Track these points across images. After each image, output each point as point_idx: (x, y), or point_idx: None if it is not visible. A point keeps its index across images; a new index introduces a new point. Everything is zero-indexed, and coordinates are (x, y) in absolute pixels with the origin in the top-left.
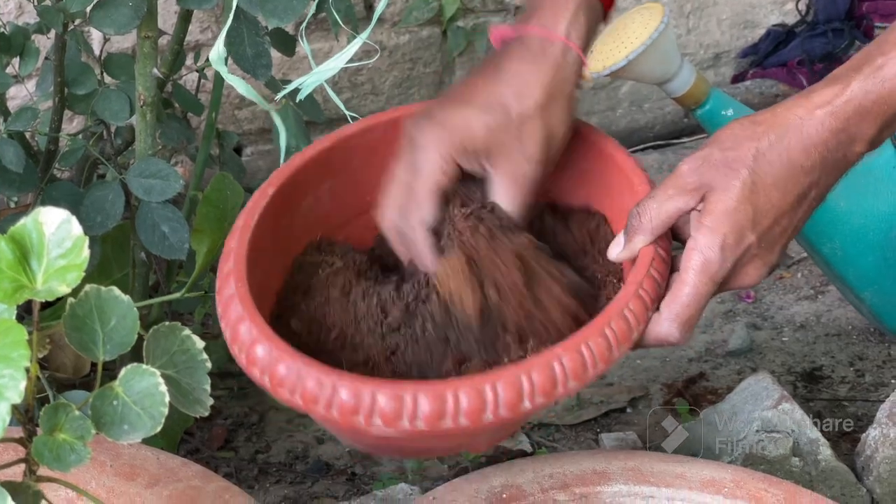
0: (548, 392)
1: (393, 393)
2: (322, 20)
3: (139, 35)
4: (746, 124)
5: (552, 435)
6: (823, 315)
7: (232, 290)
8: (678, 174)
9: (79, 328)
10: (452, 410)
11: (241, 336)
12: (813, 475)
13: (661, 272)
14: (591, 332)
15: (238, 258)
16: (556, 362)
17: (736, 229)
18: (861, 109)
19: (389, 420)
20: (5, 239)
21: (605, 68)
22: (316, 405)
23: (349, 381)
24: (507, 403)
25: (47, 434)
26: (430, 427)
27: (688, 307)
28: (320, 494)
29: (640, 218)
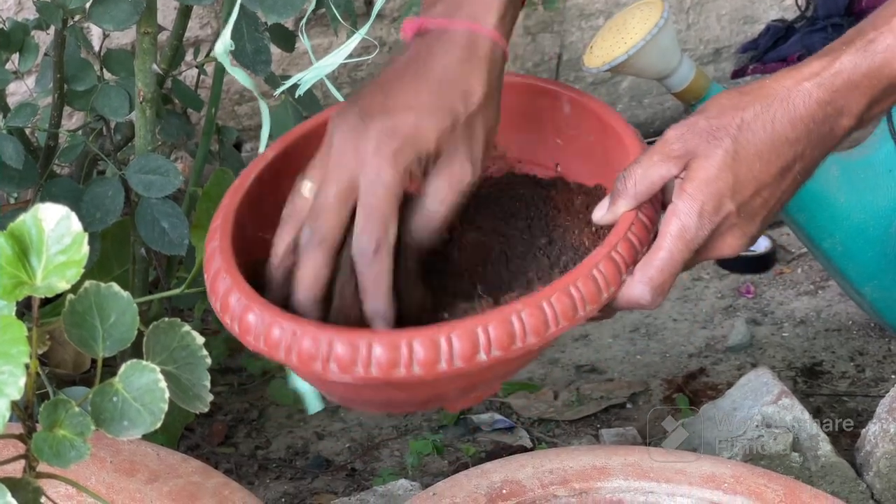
0: (504, 346)
1: (349, 340)
2: (321, 16)
3: (138, 31)
4: (734, 94)
5: (552, 430)
6: (824, 310)
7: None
8: (664, 141)
9: (78, 324)
10: (406, 359)
11: (219, 286)
12: (813, 471)
13: (640, 237)
14: (555, 288)
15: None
16: (514, 316)
17: (715, 197)
18: (850, 83)
19: (345, 367)
20: (5, 235)
21: (605, 63)
22: (278, 351)
23: (309, 329)
24: (462, 355)
25: (47, 430)
26: (385, 375)
27: (661, 271)
28: (320, 490)
29: (625, 182)
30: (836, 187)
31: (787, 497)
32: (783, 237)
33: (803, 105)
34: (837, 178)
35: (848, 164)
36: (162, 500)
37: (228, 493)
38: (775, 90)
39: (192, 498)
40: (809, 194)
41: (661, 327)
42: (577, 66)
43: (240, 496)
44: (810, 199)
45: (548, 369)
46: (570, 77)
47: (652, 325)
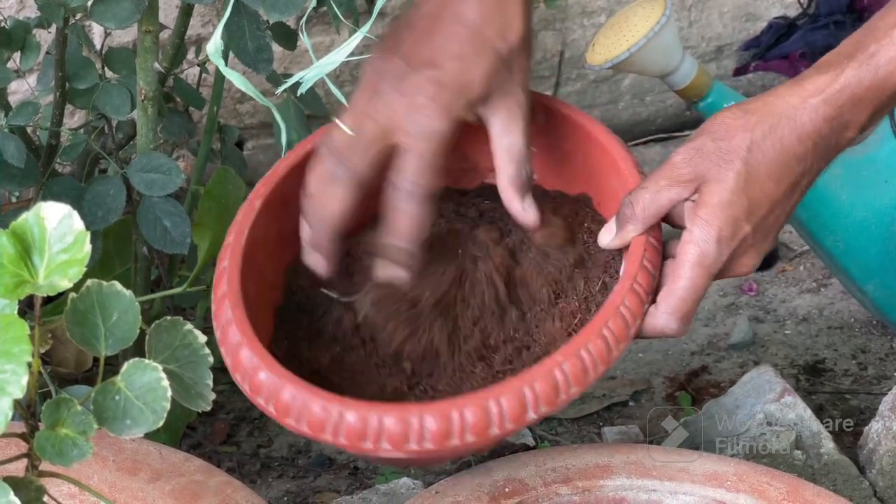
0: (551, 400)
1: (399, 416)
2: (323, 14)
3: (140, 29)
4: (739, 113)
5: (554, 429)
6: (826, 308)
7: (229, 315)
8: (672, 164)
9: (80, 323)
10: (458, 428)
11: (244, 363)
12: (815, 468)
13: (653, 262)
14: (589, 333)
15: (232, 277)
16: (556, 369)
17: (732, 221)
18: (854, 97)
19: (397, 443)
20: (7, 234)
21: (607, 61)
22: (323, 433)
23: (355, 406)
24: (512, 416)
25: (49, 429)
26: (439, 446)
27: (685, 301)
28: (323, 489)
29: (633, 208)
30: (839, 185)
31: (789, 495)
32: (785, 235)
33: (810, 122)
34: (840, 176)
35: (850, 161)
36: (164, 499)
37: (231, 492)
38: (781, 108)
39: (194, 497)
40: (812, 192)
41: None
42: (579, 64)
43: (242, 495)
44: (812, 197)
45: None
46: (573, 75)
47: None
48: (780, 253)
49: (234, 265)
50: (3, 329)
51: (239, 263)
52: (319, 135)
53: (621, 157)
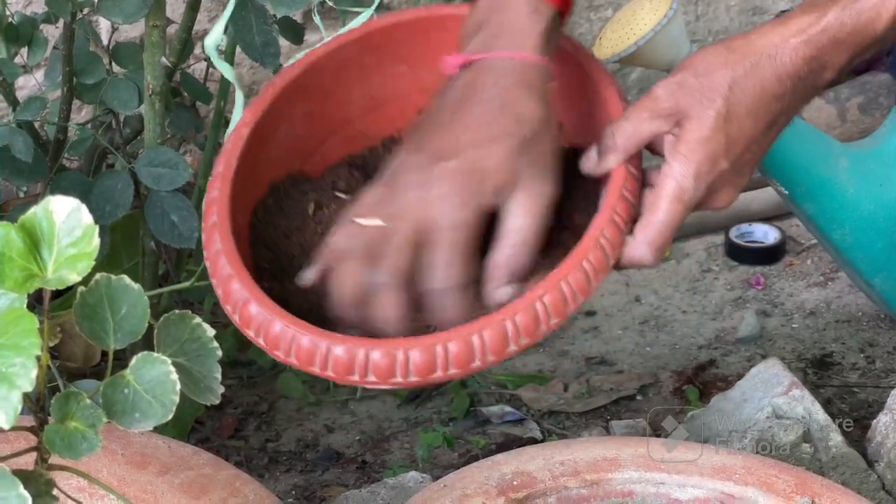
0: (531, 331)
1: (386, 350)
2: (329, 7)
3: (147, 24)
4: (721, 50)
5: (562, 422)
6: (833, 302)
7: (218, 245)
8: (653, 97)
9: (89, 317)
10: (442, 361)
11: (234, 295)
12: (824, 461)
13: (633, 192)
14: (569, 267)
15: (221, 208)
16: (537, 302)
17: (710, 158)
18: (835, 40)
19: (383, 376)
20: (16, 228)
21: (614, 55)
22: (312, 365)
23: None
24: (494, 349)
25: (59, 422)
26: (423, 378)
27: (661, 234)
28: (331, 483)
29: (615, 138)
30: (846, 178)
31: (798, 488)
32: (793, 228)
33: (790, 62)
34: (847, 169)
35: (857, 154)
36: (173, 493)
37: (240, 486)
38: (763, 46)
39: (203, 490)
40: (819, 185)
41: (670, 319)
42: None
43: (251, 488)
44: (820, 190)
45: (557, 361)
46: None
47: (661, 317)
48: (787, 247)
49: (223, 195)
50: (12, 322)
51: (228, 193)
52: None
53: (605, 84)
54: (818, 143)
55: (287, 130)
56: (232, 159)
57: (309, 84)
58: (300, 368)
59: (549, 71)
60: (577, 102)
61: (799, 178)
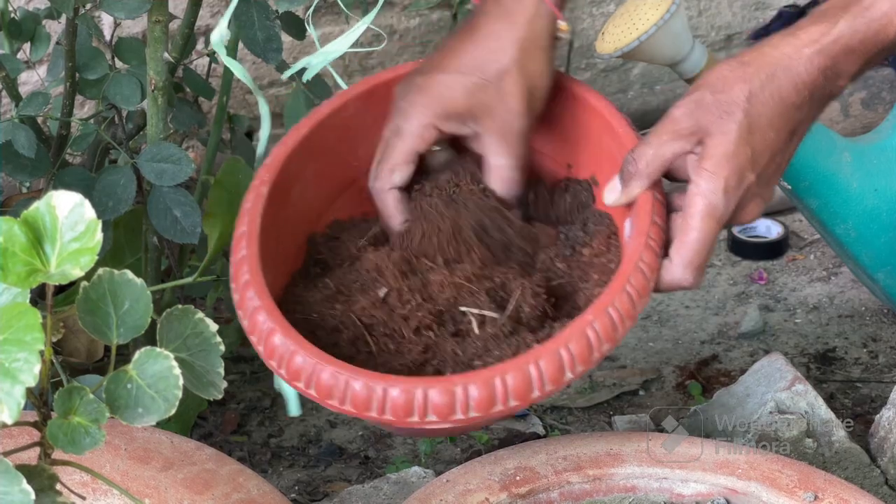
0: (586, 359)
1: (443, 388)
2: (332, 4)
3: (150, 19)
4: (735, 65)
5: (565, 418)
6: (836, 296)
7: (256, 302)
8: (672, 119)
9: (92, 311)
10: (502, 394)
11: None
12: (827, 456)
13: (662, 217)
14: (613, 291)
15: (253, 266)
16: (588, 328)
17: (737, 172)
18: (847, 48)
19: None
20: (19, 223)
21: (617, 50)
22: (369, 411)
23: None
24: (552, 378)
25: (62, 417)
26: (484, 413)
27: (698, 253)
28: (333, 478)
29: (637, 164)
30: (849, 173)
31: (800, 482)
32: (796, 223)
33: (806, 72)
34: (850, 164)
35: (861, 149)
36: (176, 488)
37: (243, 481)
38: (777, 58)
39: (206, 485)
40: (822, 180)
41: (673, 314)
42: (588, 53)
43: (254, 483)
44: (823, 185)
45: None
46: (582, 64)
47: (664, 312)
48: (790, 241)
49: (252, 253)
50: (15, 317)
51: (257, 252)
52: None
53: (615, 118)
54: (821, 138)
55: (300, 191)
56: (256, 217)
57: (317, 143)
58: (356, 416)
59: (549, 10)
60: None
61: (802, 173)
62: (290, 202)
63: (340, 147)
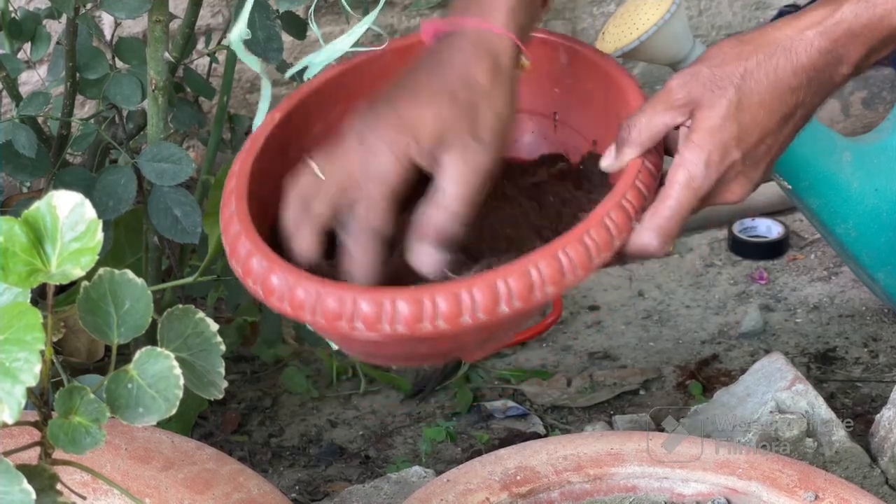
0: (525, 296)
1: (373, 298)
2: (333, 3)
3: (150, 19)
4: (736, 43)
5: (565, 417)
6: (837, 296)
7: (232, 208)
8: (667, 89)
9: (93, 311)
10: (430, 314)
11: (239, 249)
12: (827, 456)
13: (647, 184)
14: (569, 239)
15: (240, 178)
16: (532, 267)
17: (721, 146)
18: (850, 32)
19: (371, 324)
20: (19, 223)
21: (617, 49)
22: (303, 311)
23: (334, 289)
24: (484, 307)
25: (62, 417)
26: (410, 330)
27: (669, 219)
28: (334, 478)
29: (630, 131)
30: (850, 173)
31: (801, 482)
32: (796, 223)
33: (805, 53)
34: (851, 164)
35: (861, 149)
36: (177, 488)
37: (243, 480)
38: (777, 38)
39: (207, 485)
40: (822, 180)
41: (673, 314)
42: None
43: (255, 483)
44: (824, 185)
45: (561, 356)
46: None
47: (665, 311)
48: (790, 241)
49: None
50: (16, 317)
51: (249, 167)
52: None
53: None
54: (822, 137)
55: (322, 128)
56: (259, 138)
57: (348, 85)
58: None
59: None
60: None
61: (802, 173)
62: (310, 137)
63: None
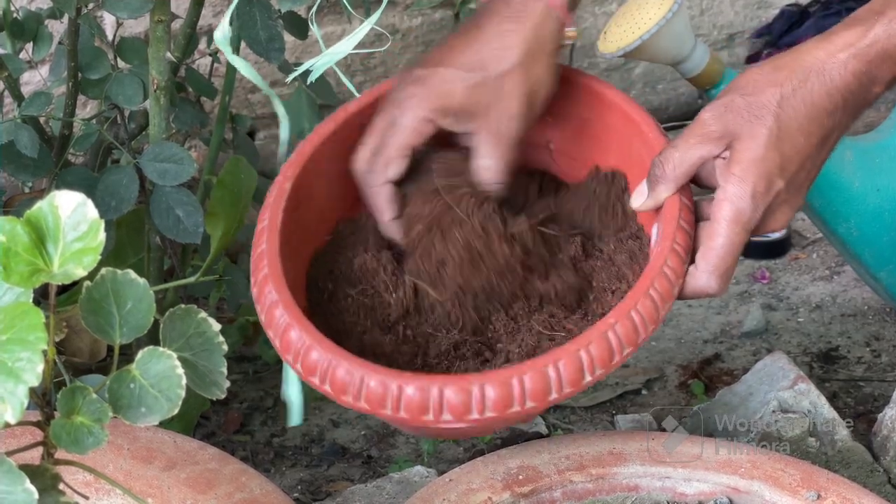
0: (606, 362)
1: (460, 387)
2: (335, 3)
3: (152, 19)
4: (767, 69)
5: (567, 417)
6: (839, 295)
7: (274, 296)
8: (701, 122)
9: (95, 311)
10: (519, 395)
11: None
12: (830, 455)
13: (689, 222)
14: (637, 294)
15: (272, 258)
16: (609, 331)
17: (765, 177)
18: (884, 53)
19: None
20: (21, 223)
21: (619, 49)
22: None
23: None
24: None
25: (65, 417)
26: (501, 414)
27: (724, 259)
28: (336, 478)
29: (664, 167)
30: (852, 172)
31: (803, 482)
32: (798, 222)
33: (839, 76)
34: (853, 163)
35: (863, 148)
36: (179, 487)
37: (246, 480)
38: (810, 63)
39: (209, 485)
40: (824, 179)
41: (675, 313)
42: (590, 52)
43: (257, 482)
44: (825, 184)
45: None
46: (584, 63)
47: None
48: (792, 240)
49: (272, 246)
50: (18, 317)
51: (277, 244)
52: (331, 120)
53: (645, 121)
54: None
55: (325, 185)
56: (277, 212)
57: (343, 140)
58: (371, 412)
59: (557, 14)
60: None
61: None
62: (315, 199)
63: None
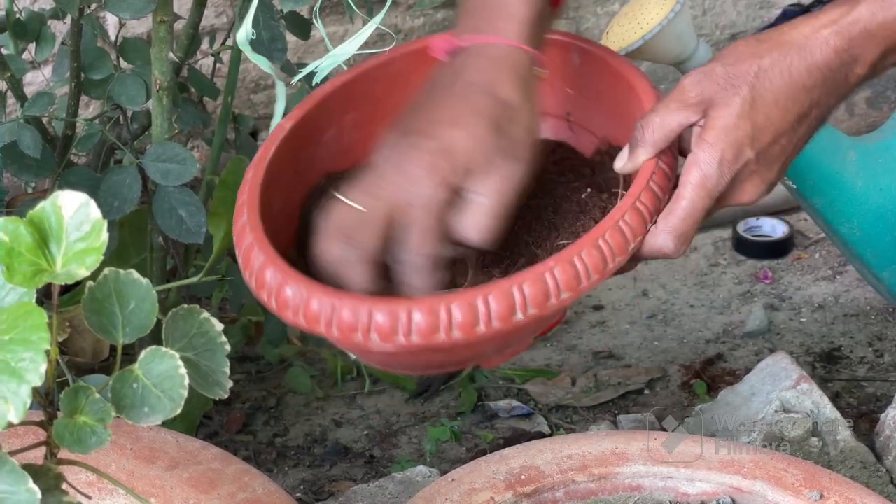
0: (540, 303)
1: (388, 309)
2: (337, 3)
3: (155, 19)
4: (751, 42)
5: (570, 417)
6: (842, 295)
7: (244, 219)
8: (680, 88)
9: (98, 311)
10: (446, 324)
11: (252, 261)
12: (832, 455)
13: (661, 186)
14: (584, 243)
15: (252, 188)
16: (547, 274)
17: (735, 145)
18: (866, 32)
19: (386, 336)
20: (24, 223)
21: (621, 49)
22: (318, 324)
23: (348, 301)
24: (499, 315)
25: (68, 417)
26: (426, 341)
27: (684, 220)
28: (339, 477)
29: (643, 131)
30: (854, 172)
31: (806, 481)
32: (801, 222)
33: (820, 52)
34: (855, 163)
35: (865, 148)
36: (182, 487)
37: (248, 480)
38: (793, 37)
39: (212, 484)
40: (827, 179)
41: (678, 313)
42: None
43: (260, 482)
44: (828, 184)
45: (565, 356)
46: None
47: (669, 311)
48: (795, 240)
49: (256, 176)
50: (21, 317)
51: (262, 175)
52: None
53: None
54: (826, 136)
55: (334, 135)
56: (271, 147)
57: (359, 92)
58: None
59: (536, 59)
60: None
61: (807, 172)
62: (321, 144)
63: (384, 100)
